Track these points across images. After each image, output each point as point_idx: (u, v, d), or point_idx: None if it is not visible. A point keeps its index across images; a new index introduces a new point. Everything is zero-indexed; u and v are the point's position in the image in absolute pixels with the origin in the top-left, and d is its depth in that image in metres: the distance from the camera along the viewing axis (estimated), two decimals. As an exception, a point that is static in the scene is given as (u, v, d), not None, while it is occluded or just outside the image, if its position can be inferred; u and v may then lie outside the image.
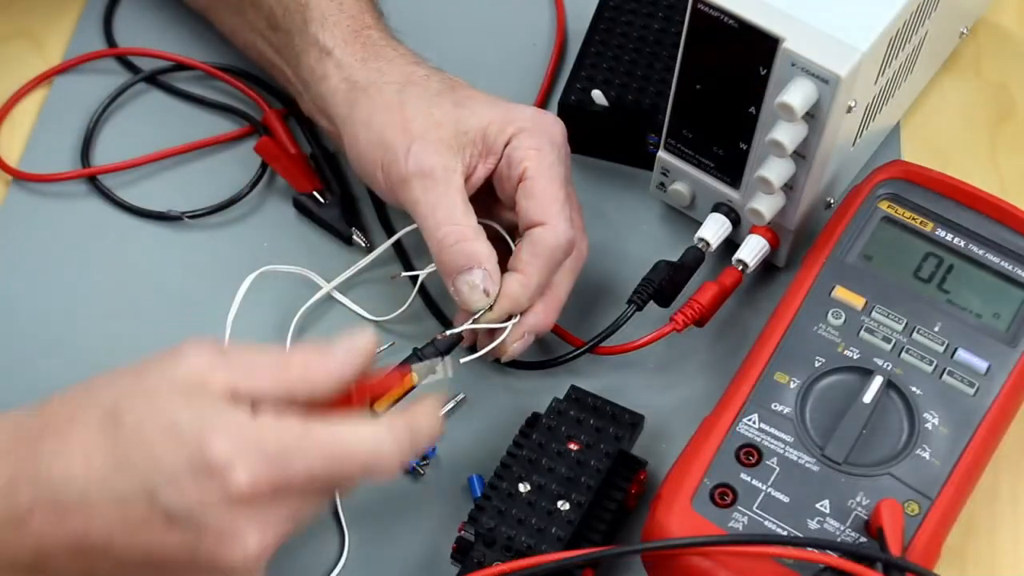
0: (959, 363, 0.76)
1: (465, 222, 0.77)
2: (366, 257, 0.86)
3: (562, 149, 0.80)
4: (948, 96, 0.97)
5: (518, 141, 0.79)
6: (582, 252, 0.82)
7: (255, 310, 0.84)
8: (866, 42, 0.76)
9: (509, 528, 0.72)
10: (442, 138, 0.79)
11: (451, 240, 0.77)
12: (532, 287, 0.78)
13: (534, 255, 0.77)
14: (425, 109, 0.80)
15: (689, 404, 0.82)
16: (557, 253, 0.78)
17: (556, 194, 0.78)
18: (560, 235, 0.78)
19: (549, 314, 0.80)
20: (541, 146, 0.79)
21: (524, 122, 0.80)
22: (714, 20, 0.77)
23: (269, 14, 0.89)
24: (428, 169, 0.78)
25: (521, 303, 0.78)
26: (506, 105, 0.81)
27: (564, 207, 0.78)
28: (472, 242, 0.77)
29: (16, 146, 0.94)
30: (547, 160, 0.79)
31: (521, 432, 0.77)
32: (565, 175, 0.80)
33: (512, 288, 0.77)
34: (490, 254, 0.77)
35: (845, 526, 0.71)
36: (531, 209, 0.78)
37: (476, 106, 0.80)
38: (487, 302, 0.77)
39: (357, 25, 0.86)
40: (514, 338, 0.79)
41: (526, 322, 0.79)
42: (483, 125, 0.79)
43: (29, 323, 0.86)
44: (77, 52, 0.98)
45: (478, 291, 0.76)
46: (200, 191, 0.91)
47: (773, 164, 0.80)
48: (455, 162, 0.78)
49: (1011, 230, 0.80)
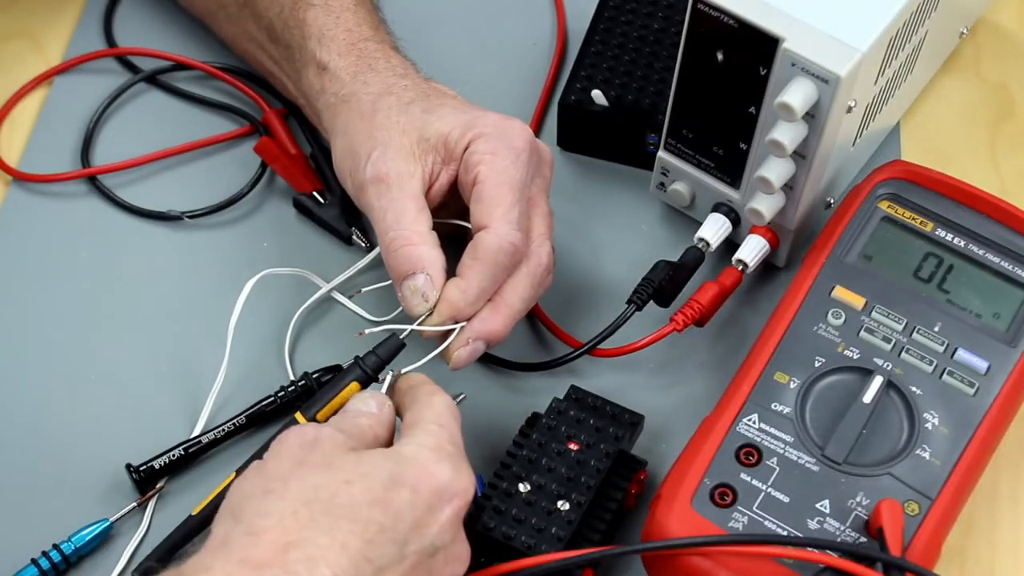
0: (959, 363, 0.76)
1: (413, 228, 0.77)
2: (365, 257, 0.86)
3: (522, 155, 0.79)
4: (948, 96, 0.97)
5: (475, 146, 0.78)
6: (542, 259, 0.79)
7: (255, 310, 0.84)
8: (866, 42, 0.76)
9: (509, 528, 0.72)
10: (404, 144, 0.79)
11: (397, 244, 0.77)
12: (471, 291, 0.76)
13: (474, 259, 0.76)
14: (394, 117, 0.80)
15: (689, 404, 0.82)
16: (499, 257, 0.76)
17: (503, 198, 0.77)
18: (501, 239, 0.76)
19: (498, 321, 0.78)
20: (496, 151, 0.78)
21: (485, 127, 0.79)
22: (714, 20, 0.77)
23: (269, 27, 0.89)
24: (383, 175, 0.78)
25: (460, 308, 0.76)
26: (473, 112, 0.81)
27: (510, 211, 0.77)
28: (417, 247, 0.76)
29: (16, 146, 0.94)
30: (500, 165, 0.78)
31: (521, 432, 0.77)
32: (522, 179, 0.78)
33: (450, 292, 0.76)
34: (435, 259, 0.76)
35: (845, 526, 0.71)
36: (477, 212, 0.77)
37: (443, 112, 0.80)
38: (426, 307, 0.76)
39: (353, 38, 0.86)
40: (458, 344, 0.77)
41: (472, 328, 0.77)
42: (446, 131, 0.79)
43: (29, 323, 0.86)
44: (77, 52, 0.98)
45: (417, 295, 0.76)
46: (200, 191, 0.91)
47: (773, 164, 0.80)
48: (413, 168, 0.78)
49: (1011, 230, 0.80)
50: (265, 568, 0.61)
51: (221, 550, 0.63)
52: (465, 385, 0.81)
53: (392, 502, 0.65)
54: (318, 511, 0.63)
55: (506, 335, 0.78)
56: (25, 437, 0.81)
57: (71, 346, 0.85)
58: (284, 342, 0.84)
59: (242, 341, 0.83)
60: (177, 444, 0.79)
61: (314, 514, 0.63)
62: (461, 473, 0.68)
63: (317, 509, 0.63)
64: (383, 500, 0.65)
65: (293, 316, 0.85)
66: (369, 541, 0.63)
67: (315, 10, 0.87)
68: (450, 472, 0.67)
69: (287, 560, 0.62)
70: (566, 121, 0.92)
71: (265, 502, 0.64)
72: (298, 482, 0.65)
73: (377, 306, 0.85)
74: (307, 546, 0.62)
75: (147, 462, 0.79)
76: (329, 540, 0.63)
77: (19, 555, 0.76)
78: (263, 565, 0.61)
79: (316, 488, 0.64)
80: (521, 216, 0.78)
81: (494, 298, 0.78)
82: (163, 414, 0.82)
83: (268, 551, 0.62)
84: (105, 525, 0.77)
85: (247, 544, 0.62)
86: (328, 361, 0.83)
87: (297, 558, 0.62)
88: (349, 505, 0.64)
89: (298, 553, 0.62)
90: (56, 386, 0.84)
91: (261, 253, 0.88)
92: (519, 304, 0.78)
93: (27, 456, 0.81)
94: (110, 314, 0.86)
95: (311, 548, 0.62)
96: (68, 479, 0.80)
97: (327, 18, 0.86)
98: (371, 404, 0.72)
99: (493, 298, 0.78)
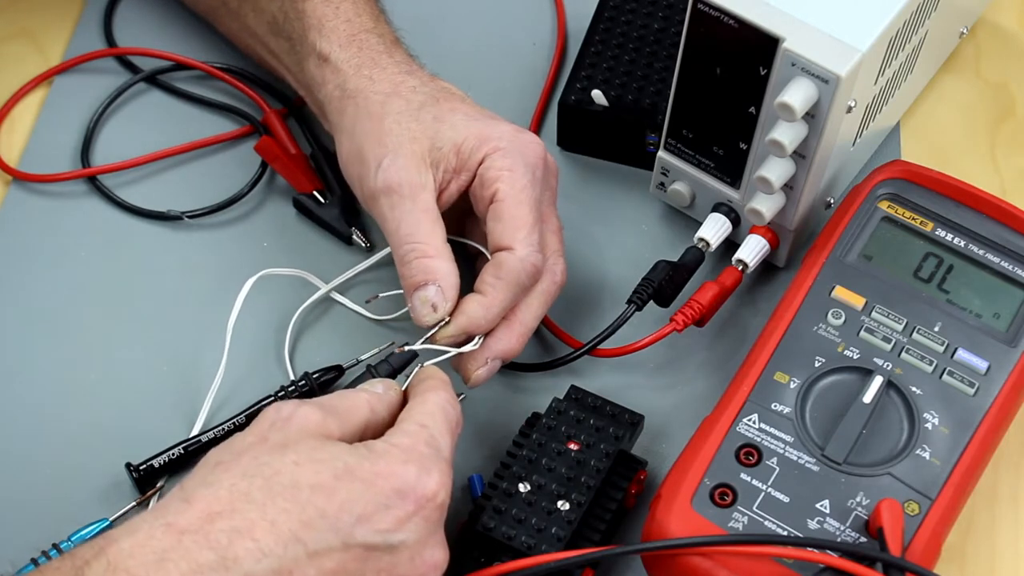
0: (959, 363, 0.76)
1: (427, 240, 0.77)
2: (365, 260, 0.86)
3: (537, 170, 0.79)
4: (948, 96, 0.97)
5: (491, 160, 0.78)
6: (556, 277, 0.80)
7: (255, 310, 0.84)
8: (866, 42, 0.76)
9: (509, 528, 0.72)
10: (415, 152, 0.79)
11: (411, 256, 0.77)
12: (492, 309, 0.77)
13: (497, 278, 0.77)
14: (404, 122, 0.80)
15: (689, 404, 0.82)
16: (521, 278, 0.77)
17: (525, 218, 0.77)
18: (525, 261, 0.77)
19: (514, 340, 0.78)
20: (514, 167, 0.78)
21: (500, 141, 0.79)
22: (714, 20, 0.77)
23: (271, 20, 0.89)
24: (395, 185, 0.78)
25: (478, 323, 0.77)
26: (485, 121, 0.80)
27: (532, 232, 0.77)
28: (431, 259, 0.76)
29: (16, 146, 0.94)
30: (519, 183, 0.78)
31: (521, 432, 0.77)
32: (538, 197, 0.79)
33: (470, 306, 0.77)
34: (448, 272, 0.77)
35: (845, 526, 0.71)
36: (498, 232, 0.77)
37: (455, 120, 0.80)
38: (435, 317, 0.76)
39: (353, 29, 0.86)
40: (478, 364, 0.78)
41: (490, 347, 0.78)
42: (458, 141, 0.79)
43: (29, 323, 0.86)
44: (77, 52, 0.98)
45: (427, 306, 0.76)
46: (200, 191, 0.91)
47: (773, 164, 0.80)
48: (425, 178, 0.78)
49: (1011, 230, 0.80)
50: (187, 534, 0.62)
51: (153, 512, 0.64)
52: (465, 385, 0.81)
53: (338, 491, 0.64)
54: (256, 486, 0.64)
55: (520, 352, 0.79)
56: (25, 437, 0.81)
57: (71, 346, 0.85)
58: (284, 342, 0.84)
59: (241, 341, 0.83)
60: (177, 443, 0.80)
61: (251, 489, 0.64)
62: (431, 475, 0.66)
63: (256, 484, 0.64)
64: (328, 487, 0.64)
65: (292, 316, 0.85)
66: (305, 523, 0.63)
67: (314, 1, 0.86)
68: (416, 473, 0.66)
69: (210, 529, 0.62)
70: (566, 121, 0.92)
71: (211, 473, 0.65)
72: (250, 458, 0.65)
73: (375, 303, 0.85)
74: (234, 517, 0.63)
75: (147, 461, 0.79)
76: (259, 516, 0.63)
77: (19, 555, 0.76)
78: (185, 531, 0.62)
79: (261, 465, 0.65)
80: (540, 236, 0.78)
81: (509, 317, 0.78)
82: (163, 414, 0.82)
83: (194, 518, 0.63)
84: (105, 525, 0.77)
85: (178, 510, 0.63)
86: (327, 361, 0.83)
87: (221, 528, 0.62)
88: (290, 485, 0.64)
89: (223, 524, 0.62)
90: (56, 385, 0.84)
91: (261, 253, 0.88)
92: (532, 323, 0.79)
93: (27, 456, 0.81)
94: (110, 314, 0.86)
95: (238, 520, 0.63)
96: (68, 479, 0.80)
97: (326, 8, 0.86)
98: (377, 386, 0.72)
99: (508, 316, 0.78)
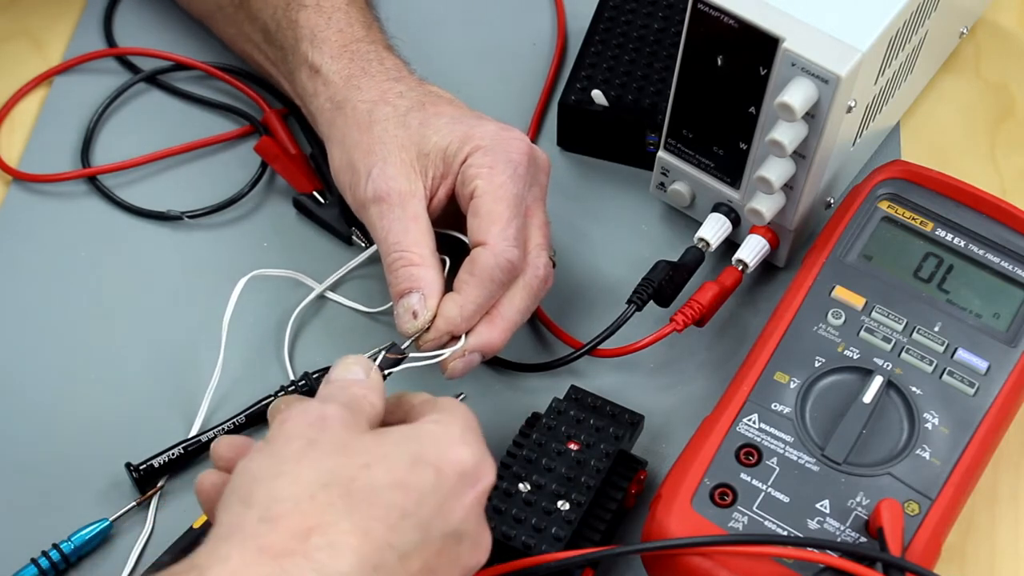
0: (959, 363, 0.76)
1: (413, 248, 0.77)
2: (357, 257, 0.86)
3: (520, 167, 0.79)
4: (948, 96, 0.97)
5: (472, 159, 0.78)
6: (539, 271, 0.79)
7: (253, 310, 0.84)
8: (866, 42, 0.76)
9: (509, 528, 0.72)
10: (404, 160, 0.79)
11: (398, 265, 0.77)
12: (467, 307, 0.76)
13: (471, 274, 0.77)
14: (392, 130, 0.80)
15: (689, 404, 0.82)
16: (496, 274, 0.76)
17: (501, 214, 0.77)
18: (498, 255, 0.76)
19: (495, 334, 0.78)
20: (494, 164, 0.78)
21: (482, 139, 0.79)
22: (714, 20, 0.77)
23: (264, 28, 0.89)
24: (384, 194, 0.78)
25: (454, 321, 0.76)
26: (469, 121, 0.80)
27: (507, 227, 0.77)
28: (416, 267, 0.77)
29: (16, 146, 0.94)
30: (497, 179, 0.78)
31: (521, 432, 0.77)
32: (518, 193, 0.78)
33: (445, 306, 0.76)
34: (432, 280, 0.76)
35: (845, 526, 0.71)
36: (474, 228, 0.77)
37: (440, 124, 0.80)
38: (415, 325, 0.76)
39: (345, 39, 0.86)
40: (455, 356, 0.77)
41: (468, 341, 0.77)
42: (443, 145, 0.79)
43: (29, 323, 0.86)
44: (77, 52, 0.98)
45: (408, 313, 0.76)
46: (200, 191, 0.91)
47: (773, 164, 0.80)
48: (415, 185, 0.78)
49: (1011, 230, 0.80)
50: (286, 557, 0.57)
51: (236, 538, 0.59)
52: (465, 385, 0.82)
53: (412, 485, 0.61)
54: (336, 495, 0.60)
55: (503, 346, 0.79)
56: (25, 436, 0.81)
57: (71, 346, 0.85)
58: (282, 341, 0.84)
59: (239, 340, 0.83)
60: (177, 443, 0.80)
61: (332, 498, 0.59)
62: (485, 459, 0.65)
63: (335, 493, 0.60)
64: (405, 483, 0.61)
65: (290, 315, 0.85)
66: (392, 527, 0.60)
67: (307, 11, 0.87)
68: (471, 456, 0.64)
69: (308, 547, 0.58)
70: (566, 121, 0.92)
71: (276, 486, 0.60)
72: (312, 464, 0.61)
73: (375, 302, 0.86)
74: (329, 531, 0.58)
75: (146, 461, 0.79)
76: (351, 525, 0.59)
77: (19, 555, 0.76)
78: (284, 554, 0.57)
79: (332, 471, 0.60)
80: (518, 231, 0.78)
81: (491, 311, 0.78)
82: (163, 413, 0.82)
83: (287, 538, 0.58)
84: (105, 524, 0.77)
85: (264, 531, 0.58)
86: (325, 360, 0.83)
87: (319, 545, 0.58)
88: (369, 489, 0.60)
89: (320, 539, 0.58)
90: (56, 385, 0.84)
91: (261, 253, 0.88)
92: (516, 316, 0.79)
93: (27, 456, 0.81)
94: (110, 314, 0.86)
95: (333, 534, 0.58)
96: (68, 478, 0.80)
97: (319, 19, 0.86)
98: (357, 371, 0.68)
99: (490, 311, 0.78)
